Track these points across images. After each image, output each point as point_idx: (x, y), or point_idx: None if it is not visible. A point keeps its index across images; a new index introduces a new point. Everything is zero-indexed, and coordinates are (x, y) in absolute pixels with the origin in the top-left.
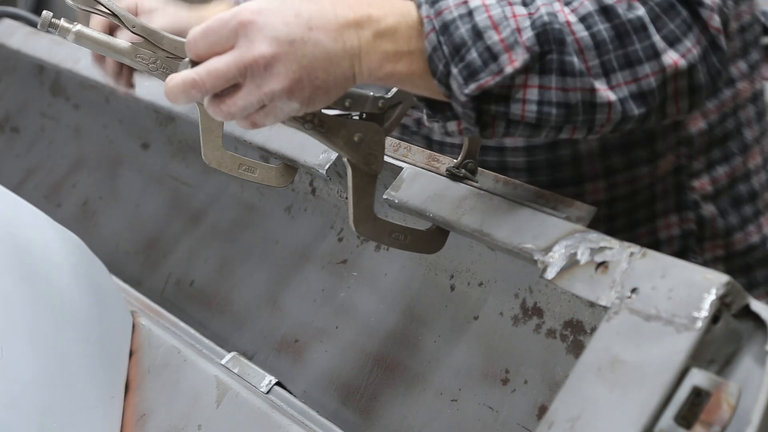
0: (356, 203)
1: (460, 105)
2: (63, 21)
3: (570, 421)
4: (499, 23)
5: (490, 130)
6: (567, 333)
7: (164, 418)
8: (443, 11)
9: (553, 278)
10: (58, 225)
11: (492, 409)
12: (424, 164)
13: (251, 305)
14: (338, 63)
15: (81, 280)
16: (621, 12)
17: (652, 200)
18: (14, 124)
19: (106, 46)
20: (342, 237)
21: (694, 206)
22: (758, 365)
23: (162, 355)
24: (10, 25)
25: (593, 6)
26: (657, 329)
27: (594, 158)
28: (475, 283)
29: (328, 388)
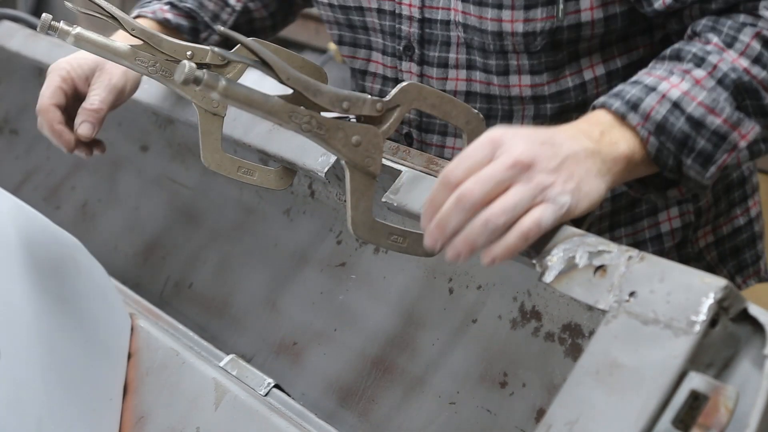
0: (355, 206)
1: (701, 186)
2: (62, 23)
3: (568, 424)
4: (713, 107)
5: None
6: (565, 336)
7: (163, 421)
8: (650, 113)
9: (552, 282)
10: (57, 227)
11: (490, 412)
12: (423, 167)
13: (250, 308)
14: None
15: (80, 283)
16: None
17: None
18: (13, 126)
19: (105, 48)
20: (341, 240)
21: (693, 197)
22: (756, 369)
23: (160, 358)
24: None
25: (759, 44)
26: (655, 333)
27: None
28: (473, 287)
29: (326, 391)
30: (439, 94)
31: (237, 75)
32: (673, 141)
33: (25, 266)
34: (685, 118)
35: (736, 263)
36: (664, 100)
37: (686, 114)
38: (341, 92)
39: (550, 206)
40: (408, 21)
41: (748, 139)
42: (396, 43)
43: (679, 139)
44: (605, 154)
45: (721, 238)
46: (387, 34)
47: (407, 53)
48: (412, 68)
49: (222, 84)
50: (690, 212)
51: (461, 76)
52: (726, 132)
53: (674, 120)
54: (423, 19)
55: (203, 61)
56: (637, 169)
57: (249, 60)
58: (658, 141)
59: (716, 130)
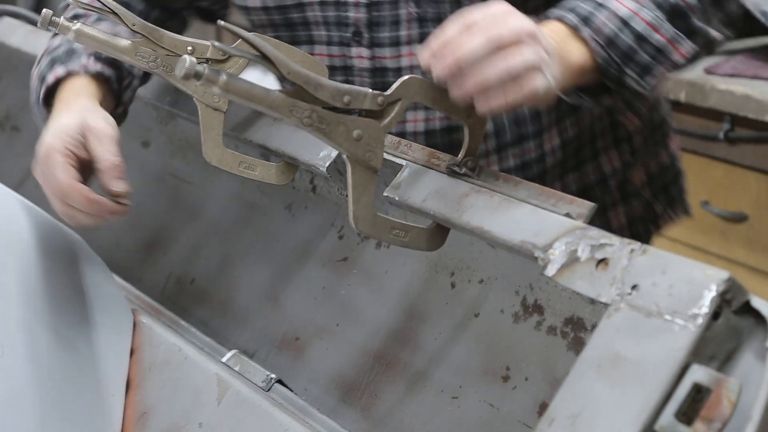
0: (356, 200)
1: (637, 94)
2: (63, 19)
3: (571, 418)
4: (656, 25)
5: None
6: (567, 330)
7: (165, 416)
8: (600, 27)
9: (554, 275)
10: (58, 223)
11: (493, 406)
12: (424, 162)
13: (252, 303)
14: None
15: (82, 279)
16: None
17: (593, 139)
18: (15, 123)
19: (105, 44)
20: (342, 235)
21: (627, 138)
22: (759, 361)
23: (163, 353)
24: (11, 23)
25: None
26: (657, 326)
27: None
28: (475, 281)
29: (328, 386)
30: (440, 89)
31: (238, 70)
32: (619, 53)
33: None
34: (632, 33)
35: (665, 198)
36: (613, 17)
37: (633, 29)
38: (342, 86)
39: (544, 79)
40: (354, 8)
41: (685, 56)
42: (343, 32)
43: (625, 52)
44: (563, 59)
45: (651, 176)
46: (332, 25)
47: (356, 39)
48: (363, 53)
49: (223, 79)
50: (628, 152)
51: (414, 50)
52: (665, 46)
53: (622, 35)
54: (370, 3)
55: (204, 56)
56: (583, 77)
57: (250, 54)
58: (606, 53)
59: (657, 44)
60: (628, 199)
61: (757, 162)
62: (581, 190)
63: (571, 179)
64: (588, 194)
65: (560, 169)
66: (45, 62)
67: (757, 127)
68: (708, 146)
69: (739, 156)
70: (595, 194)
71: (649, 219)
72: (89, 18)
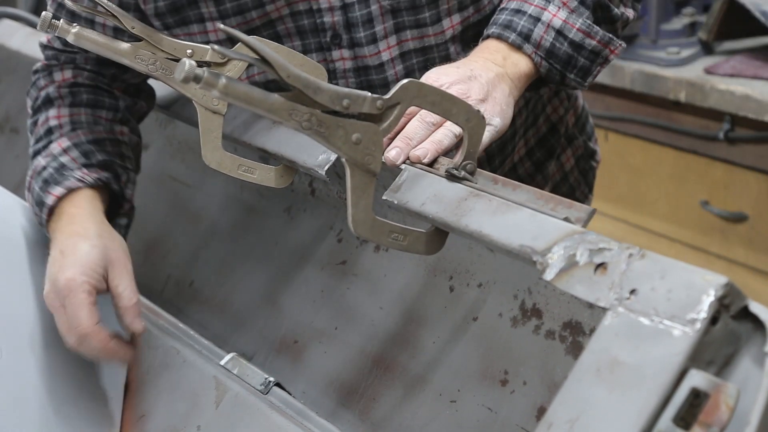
0: (355, 204)
1: (576, 89)
2: (63, 22)
3: (569, 422)
4: (588, 31)
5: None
6: (566, 334)
7: (163, 419)
8: (540, 42)
9: (552, 279)
10: None
11: (491, 410)
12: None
13: (250, 306)
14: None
15: None
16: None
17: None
18: (14, 125)
19: (105, 47)
20: (341, 238)
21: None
22: (757, 366)
23: (161, 356)
24: (10, 25)
25: None
26: (656, 330)
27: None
28: (474, 284)
29: (327, 389)
30: (439, 92)
31: (237, 73)
32: (560, 62)
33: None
34: (568, 43)
35: (584, 132)
36: (550, 29)
37: (568, 39)
38: (341, 90)
39: (489, 128)
40: (329, 12)
41: (616, 53)
42: (321, 38)
43: (565, 60)
44: (511, 75)
45: (578, 116)
46: (307, 33)
47: (335, 42)
48: (344, 54)
49: (222, 82)
50: (564, 99)
51: (392, 42)
52: (600, 50)
53: (560, 45)
54: (344, 5)
55: (203, 59)
56: (530, 83)
57: (249, 58)
58: (548, 64)
59: (593, 49)
60: (571, 141)
61: (757, 162)
62: (539, 142)
63: (531, 134)
64: (545, 144)
65: (524, 127)
66: (37, 186)
67: (757, 127)
68: (708, 146)
69: (739, 156)
70: (550, 143)
71: (588, 155)
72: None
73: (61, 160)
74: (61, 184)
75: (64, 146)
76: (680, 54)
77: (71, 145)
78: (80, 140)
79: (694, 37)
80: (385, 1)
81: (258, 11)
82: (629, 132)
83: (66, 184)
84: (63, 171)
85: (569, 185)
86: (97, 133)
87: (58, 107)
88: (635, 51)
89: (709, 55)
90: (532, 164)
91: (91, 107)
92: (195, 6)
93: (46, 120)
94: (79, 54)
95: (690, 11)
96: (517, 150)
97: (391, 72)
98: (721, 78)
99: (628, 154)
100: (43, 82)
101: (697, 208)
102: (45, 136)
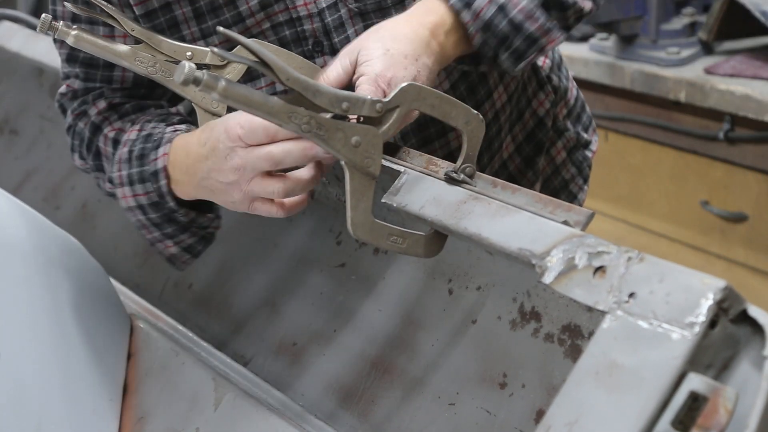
0: (354, 206)
1: (508, 72)
2: (62, 24)
3: (567, 425)
4: (531, 14)
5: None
6: (565, 337)
7: (162, 421)
8: (479, 13)
9: (551, 282)
10: (56, 227)
11: (490, 413)
12: (422, 168)
13: (249, 308)
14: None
15: (79, 283)
16: None
17: (524, 87)
18: (13, 127)
19: (105, 49)
20: (340, 240)
21: (547, 79)
22: (756, 370)
23: (160, 358)
24: (10, 27)
25: None
26: (654, 334)
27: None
28: (473, 287)
29: (325, 392)
30: (438, 95)
31: (236, 76)
32: (495, 38)
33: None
34: (507, 21)
35: (579, 123)
36: (492, 3)
37: (509, 17)
38: (341, 93)
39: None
40: (308, 19)
41: (554, 45)
42: (303, 47)
43: (500, 38)
44: (443, 44)
45: (570, 108)
46: (289, 43)
47: (317, 50)
48: (327, 60)
49: (221, 84)
50: (550, 92)
51: None
52: (538, 37)
53: (498, 21)
54: (320, 11)
55: (203, 61)
56: (462, 54)
57: (248, 60)
58: (483, 37)
59: (531, 34)
60: (561, 133)
61: (757, 162)
62: (527, 137)
63: (517, 130)
64: (533, 139)
65: (510, 122)
66: (135, 169)
67: (757, 127)
68: (708, 146)
69: (739, 156)
70: (539, 137)
71: (581, 145)
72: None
73: (143, 135)
74: (158, 145)
75: (137, 128)
76: (680, 54)
77: (144, 123)
78: (149, 121)
79: (694, 37)
80: (353, 4)
81: (239, 26)
82: (629, 132)
83: (163, 141)
84: (152, 138)
85: (561, 179)
86: (158, 115)
87: (109, 124)
88: (635, 51)
89: (709, 55)
90: (522, 160)
91: (140, 111)
92: (176, 29)
93: (105, 139)
94: (104, 87)
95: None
96: (505, 147)
97: None
98: (721, 78)
99: (628, 154)
100: (81, 124)
101: (697, 208)
102: (114, 148)
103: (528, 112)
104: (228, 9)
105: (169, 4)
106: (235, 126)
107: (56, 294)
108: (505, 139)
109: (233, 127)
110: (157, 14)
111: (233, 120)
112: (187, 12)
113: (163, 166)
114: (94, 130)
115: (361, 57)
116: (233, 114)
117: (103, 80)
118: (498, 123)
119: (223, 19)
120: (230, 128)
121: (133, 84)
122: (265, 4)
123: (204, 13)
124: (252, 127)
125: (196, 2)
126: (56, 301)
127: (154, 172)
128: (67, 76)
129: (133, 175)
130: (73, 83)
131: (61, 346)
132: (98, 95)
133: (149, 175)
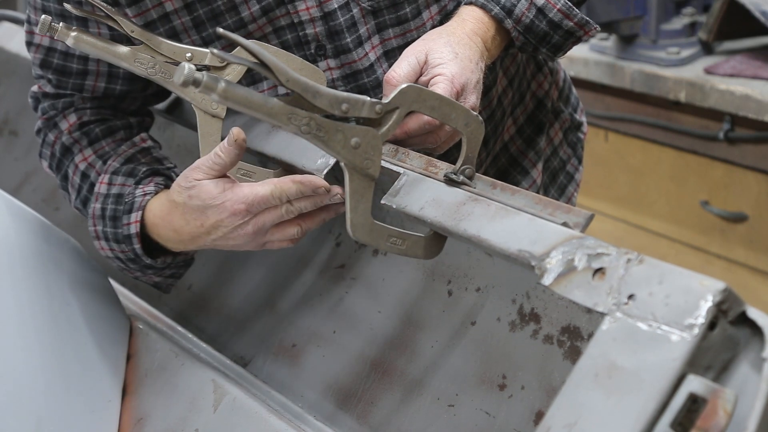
0: (354, 208)
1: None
2: (62, 25)
3: (567, 427)
4: (567, 12)
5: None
6: (564, 339)
7: (161, 422)
8: (521, 18)
9: (551, 284)
10: (56, 229)
11: (489, 414)
12: (421, 170)
13: (249, 310)
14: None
15: (79, 284)
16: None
17: (524, 69)
18: (13, 128)
19: (104, 50)
20: (340, 242)
21: (544, 62)
22: (755, 372)
23: (159, 359)
24: (10, 28)
25: None
26: (654, 335)
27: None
28: (472, 289)
29: (325, 393)
30: (438, 97)
31: (236, 77)
32: (536, 38)
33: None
34: (547, 21)
35: (569, 104)
36: (532, 7)
37: (548, 18)
38: (340, 94)
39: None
40: (311, 23)
41: (590, 35)
42: (305, 50)
43: (541, 36)
44: (490, 48)
45: (560, 89)
46: (291, 47)
47: (320, 53)
48: (330, 64)
49: (221, 86)
50: (547, 73)
51: (375, 42)
52: (575, 31)
53: (539, 22)
54: (324, 15)
55: (202, 63)
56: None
57: (248, 62)
58: (525, 38)
59: (569, 30)
60: (557, 114)
61: (757, 162)
62: (528, 119)
63: (519, 112)
64: (534, 120)
65: (511, 105)
66: (109, 228)
67: (757, 127)
68: (708, 146)
69: (739, 156)
70: (539, 118)
71: (575, 127)
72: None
73: (113, 193)
74: (130, 210)
75: (106, 181)
76: (680, 54)
77: (112, 176)
78: (117, 168)
79: (694, 37)
80: (365, 3)
81: (241, 32)
82: (629, 132)
83: (135, 207)
84: (122, 200)
85: (560, 159)
86: (125, 153)
87: (80, 151)
88: (635, 51)
89: (709, 55)
90: (523, 141)
91: (109, 135)
92: (176, 39)
93: (75, 168)
94: (75, 96)
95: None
96: (506, 128)
97: (380, 71)
98: (721, 78)
99: (628, 154)
100: (51, 136)
101: (697, 208)
102: (83, 181)
103: (528, 93)
104: (230, 15)
105: (167, 14)
106: (237, 204)
107: (56, 295)
108: (507, 122)
109: (235, 205)
110: (156, 25)
111: (233, 200)
112: (186, 22)
113: (136, 232)
114: (64, 152)
115: (433, 59)
116: (228, 196)
117: (75, 88)
118: (501, 106)
119: (224, 25)
120: (235, 210)
121: (103, 95)
122: (266, 9)
123: (203, 21)
124: (255, 199)
125: (195, 11)
126: (55, 303)
127: (127, 236)
128: (40, 77)
129: (108, 234)
130: (44, 86)
131: (60, 347)
132: (68, 104)
133: (123, 237)
